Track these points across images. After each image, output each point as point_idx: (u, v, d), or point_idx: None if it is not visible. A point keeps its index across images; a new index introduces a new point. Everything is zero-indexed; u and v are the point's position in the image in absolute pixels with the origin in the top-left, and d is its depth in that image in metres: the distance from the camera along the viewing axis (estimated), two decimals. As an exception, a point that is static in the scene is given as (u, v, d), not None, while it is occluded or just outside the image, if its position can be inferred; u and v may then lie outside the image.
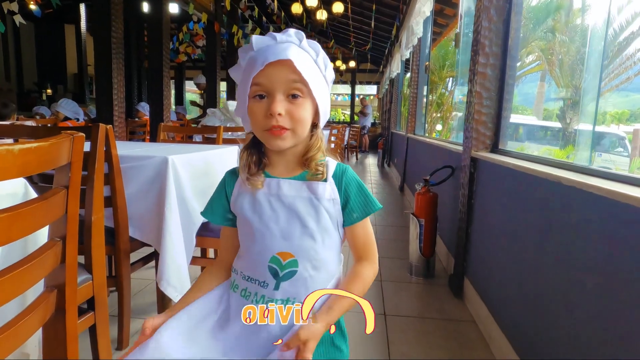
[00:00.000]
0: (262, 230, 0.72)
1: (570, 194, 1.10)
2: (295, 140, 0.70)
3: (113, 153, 1.42)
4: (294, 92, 0.68)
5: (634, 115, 8.96)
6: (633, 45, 7.79)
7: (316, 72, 0.70)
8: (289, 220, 0.71)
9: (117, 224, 1.48)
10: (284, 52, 0.66)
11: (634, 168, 6.53)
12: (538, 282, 1.29)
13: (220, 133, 2.66)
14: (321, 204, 0.71)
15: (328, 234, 0.72)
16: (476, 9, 1.86)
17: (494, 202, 1.75)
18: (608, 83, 8.44)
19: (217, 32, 5.93)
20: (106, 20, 3.31)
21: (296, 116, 0.68)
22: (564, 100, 9.57)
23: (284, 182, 0.73)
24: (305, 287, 0.70)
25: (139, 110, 5.71)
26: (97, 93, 3.42)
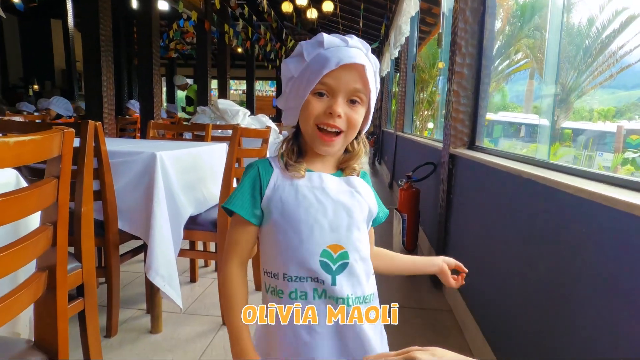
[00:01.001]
0: (311, 224, 0.70)
1: (530, 187, 1.18)
2: (343, 144, 0.73)
3: (102, 149, 1.48)
4: (354, 98, 0.70)
5: (620, 111, 9.10)
6: (615, 43, 7.92)
7: (376, 81, 0.72)
8: (336, 212, 0.71)
9: (107, 217, 1.53)
10: (358, 57, 0.67)
11: (615, 164, 6.67)
12: (506, 273, 1.38)
13: (209, 131, 2.71)
14: (362, 196, 0.75)
15: (367, 226, 0.77)
16: (453, 10, 1.94)
17: (470, 196, 1.83)
18: (592, 80, 8.57)
19: (207, 30, 5.95)
20: (94, 18, 3.32)
21: (353, 121, 0.70)
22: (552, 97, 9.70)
23: (326, 177, 0.74)
24: (358, 279, 0.72)
25: (129, 108, 5.73)
26: (86, 91, 3.44)
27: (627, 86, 8.39)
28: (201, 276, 2.28)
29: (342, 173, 0.76)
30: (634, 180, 0.86)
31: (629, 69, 7.77)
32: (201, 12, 5.81)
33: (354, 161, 0.77)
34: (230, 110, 3.81)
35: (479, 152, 1.78)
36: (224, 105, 3.84)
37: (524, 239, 1.23)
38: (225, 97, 6.93)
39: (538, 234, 1.13)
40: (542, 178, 1.06)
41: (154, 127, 2.66)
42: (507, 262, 1.36)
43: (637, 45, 7.43)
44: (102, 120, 3.44)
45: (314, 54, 0.69)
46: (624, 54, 7.74)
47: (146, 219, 1.58)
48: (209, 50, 6.24)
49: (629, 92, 8.73)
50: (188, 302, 1.94)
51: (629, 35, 7.49)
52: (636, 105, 8.61)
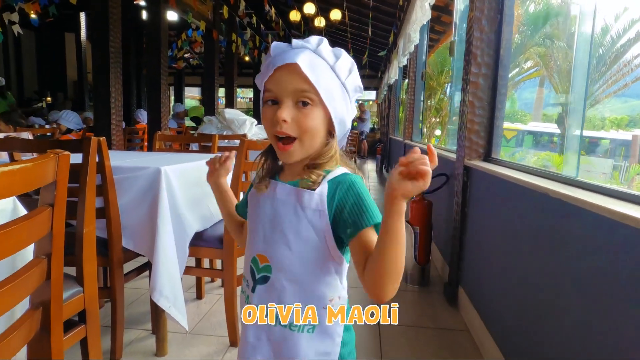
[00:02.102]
0: (252, 230, 0.74)
1: (557, 206, 1.10)
2: (304, 151, 0.68)
3: (106, 164, 1.43)
4: (302, 99, 0.65)
5: (633, 120, 8.98)
6: (630, 52, 7.83)
7: (330, 79, 0.67)
8: (272, 224, 0.70)
9: (111, 235, 1.49)
10: (292, 57, 0.64)
11: (633, 174, 6.50)
12: (529, 292, 1.30)
13: (216, 141, 2.67)
14: (305, 214, 0.67)
15: (310, 248, 0.67)
16: (468, 19, 1.87)
17: (487, 211, 1.76)
18: (606, 89, 8.46)
19: (215, 39, 5.96)
20: (104, 29, 3.33)
21: (303, 125, 0.66)
22: (562, 106, 9.58)
23: (279, 186, 0.72)
24: (278, 297, 0.68)
25: (138, 118, 5.74)
26: (94, 102, 3.43)
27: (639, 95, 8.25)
28: (207, 292, 2.22)
29: (301, 181, 0.69)
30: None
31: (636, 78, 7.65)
32: (209, 22, 5.83)
33: (321, 160, 0.69)
34: (237, 120, 3.78)
35: (496, 165, 1.71)
36: (231, 114, 3.81)
37: (551, 259, 1.15)
38: (232, 105, 6.92)
39: (568, 256, 1.05)
40: (574, 198, 0.98)
41: (160, 138, 2.63)
42: (531, 282, 1.28)
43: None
44: (110, 132, 3.43)
45: (265, 63, 0.69)
46: (636, 66, 7.63)
47: (150, 236, 1.53)
48: (216, 59, 6.25)
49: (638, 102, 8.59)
50: (194, 321, 1.88)
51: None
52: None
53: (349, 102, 0.71)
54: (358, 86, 0.72)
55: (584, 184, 1.10)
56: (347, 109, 0.70)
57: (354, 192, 0.66)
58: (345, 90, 0.70)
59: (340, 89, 0.69)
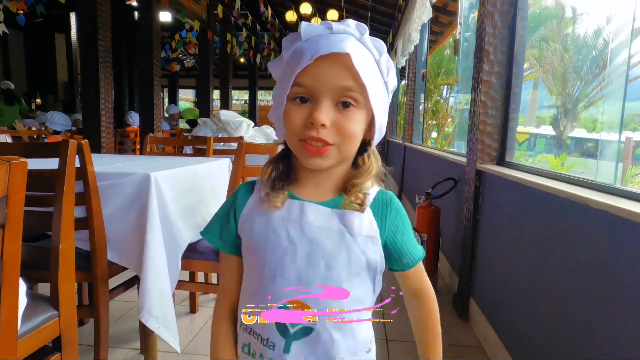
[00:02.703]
0: (274, 268, 0.56)
1: (583, 212, 0.99)
2: (339, 159, 0.55)
3: (89, 170, 1.30)
4: (345, 99, 0.53)
5: (624, 122, 9.07)
6: (622, 55, 7.93)
7: (377, 76, 0.55)
8: (310, 259, 0.55)
9: (94, 248, 1.35)
10: (340, 44, 0.50)
11: (628, 177, 6.47)
12: (552, 305, 1.18)
13: (211, 145, 2.53)
14: (355, 241, 0.55)
15: (360, 282, 0.57)
16: (479, 14, 1.77)
17: (502, 218, 1.64)
18: (599, 92, 8.51)
19: (210, 40, 5.83)
20: (93, 28, 3.19)
21: (345, 130, 0.53)
22: (557, 108, 9.60)
23: (309, 207, 0.56)
24: (325, 352, 0.55)
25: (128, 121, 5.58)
26: (83, 103, 3.29)
27: (630, 97, 8.38)
28: (202, 305, 2.08)
29: (343, 200, 0.57)
30: None
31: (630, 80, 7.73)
32: (204, 22, 5.70)
33: (362, 178, 0.57)
34: (233, 121, 3.65)
35: (512, 170, 1.59)
36: (227, 116, 3.67)
37: (575, 269, 1.03)
38: (227, 107, 6.79)
39: (596, 266, 0.93)
40: (601, 204, 0.88)
41: (152, 141, 2.49)
42: (555, 295, 1.16)
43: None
44: (99, 134, 3.28)
45: (292, 49, 0.55)
46: (632, 66, 7.72)
47: (139, 249, 1.40)
48: (211, 60, 6.12)
49: (632, 103, 8.73)
50: (187, 339, 1.74)
51: (636, 48, 7.45)
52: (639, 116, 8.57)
53: (388, 105, 0.60)
54: (395, 86, 0.60)
55: (624, 192, 0.99)
56: (385, 111, 0.59)
57: (402, 216, 0.59)
58: (386, 90, 0.58)
59: (384, 89, 0.57)
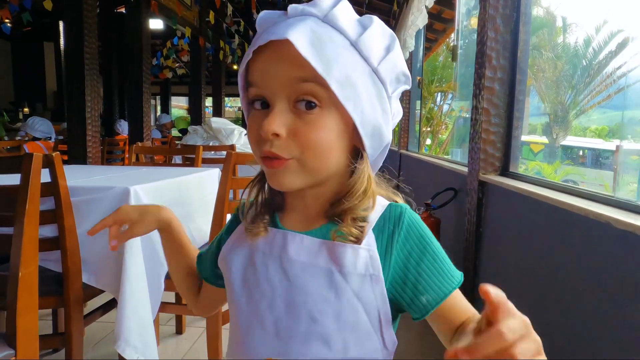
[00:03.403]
0: (249, 317, 0.47)
1: (595, 228, 0.90)
2: (308, 177, 0.43)
3: (61, 185, 1.19)
4: (304, 97, 0.41)
5: (612, 131, 9.19)
6: (611, 64, 8.07)
7: (350, 63, 0.41)
8: (290, 307, 0.44)
9: (67, 269, 1.23)
10: (283, 30, 0.39)
11: (621, 186, 6.43)
12: (560, 327, 1.09)
13: (200, 154, 2.42)
14: (348, 284, 0.43)
15: (359, 338, 0.44)
16: (479, 19, 1.69)
17: (507, 232, 1.55)
18: (590, 100, 8.59)
19: (202, 46, 5.75)
20: (78, 35, 3.10)
21: (304, 139, 0.41)
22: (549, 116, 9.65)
23: (293, 238, 0.46)
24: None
25: (117, 129, 5.46)
26: (68, 111, 3.17)
27: (617, 106, 8.53)
28: (189, 325, 1.96)
29: (332, 229, 0.45)
30: None
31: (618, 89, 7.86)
32: (195, 29, 5.62)
33: (350, 199, 0.44)
34: (224, 129, 3.54)
35: (518, 181, 1.50)
36: (218, 124, 3.57)
37: (586, 287, 0.94)
38: (220, 114, 6.69)
39: (607, 282, 0.84)
40: (615, 220, 0.79)
41: (138, 151, 2.37)
42: (569, 318, 1.07)
43: (634, 68, 7.50)
44: (85, 144, 3.16)
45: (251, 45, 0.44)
46: (621, 75, 7.83)
47: (116, 270, 1.28)
48: (203, 68, 6.03)
49: (619, 112, 8.85)
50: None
51: (625, 57, 7.59)
52: (625, 125, 8.69)
53: (387, 100, 0.45)
54: (402, 73, 0.46)
55: (624, 204, 0.90)
56: (382, 109, 0.45)
57: (417, 235, 0.44)
58: (379, 79, 0.44)
59: (370, 79, 0.43)
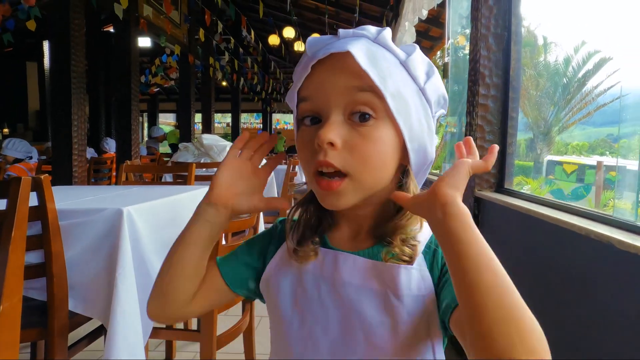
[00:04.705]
0: (303, 341, 0.46)
1: (591, 246, 0.90)
2: (360, 195, 0.44)
3: (49, 208, 1.14)
4: (359, 109, 0.41)
5: (592, 147, 9.46)
6: (590, 83, 8.41)
7: (402, 80, 0.43)
8: (346, 329, 0.44)
9: (52, 297, 1.17)
10: (342, 45, 0.41)
11: (604, 201, 6.51)
12: (563, 342, 1.07)
13: (193, 172, 2.38)
14: (402, 304, 0.43)
15: (414, 355, 0.44)
16: (472, 37, 1.72)
17: (505, 249, 1.54)
18: (572, 117, 8.88)
19: (191, 64, 5.74)
20: (65, 55, 3.06)
21: (361, 151, 0.41)
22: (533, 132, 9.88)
23: (345, 260, 0.46)
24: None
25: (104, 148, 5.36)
26: (53, 131, 3.11)
27: (596, 123, 8.83)
28: (180, 350, 1.88)
29: (384, 249, 0.45)
30: None
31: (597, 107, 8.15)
32: (184, 46, 5.62)
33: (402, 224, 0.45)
34: (216, 145, 3.51)
35: (514, 198, 1.50)
36: (209, 140, 3.53)
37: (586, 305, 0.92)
38: (209, 131, 6.65)
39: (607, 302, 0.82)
40: (612, 239, 0.79)
41: (127, 169, 2.32)
42: (568, 336, 1.05)
43: (611, 86, 7.81)
44: (71, 164, 3.08)
45: (299, 66, 0.45)
46: (599, 93, 8.16)
47: (106, 296, 1.22)
48: (192, 84, 6.01)
49: (597, 129, 9.12)
50: (163, 395, 1.54)
51: (602, 76, 7.92)
52: (605, 141, 8.95)
53: (432, 119, 0.46)
54: (442, 96, 0.47)
55: (619, 222, 0.90)
56: (428, 127, 0.45)
57: None
58: (425, 99, 0.45)
59: (419, 97, 0.44)
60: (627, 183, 3.01)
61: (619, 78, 7.18)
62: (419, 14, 2.73)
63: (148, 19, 4.43)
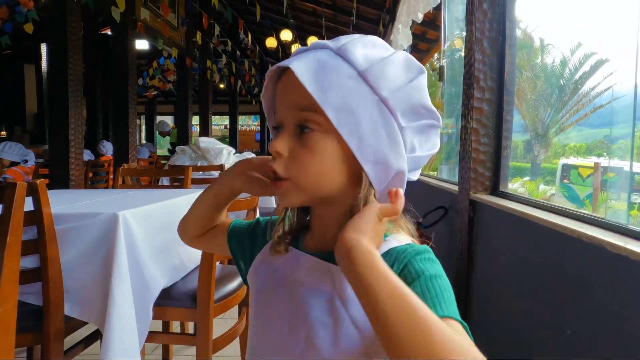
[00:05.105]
0: (258, 333, 0.51)
1: (583, 248, 0.90)
2: (303, 195, 0.46)
3: (44, 213, 1.14)
4: (301, 122, 0.45)
5: (589, 148, 9.49)
6: (587, 85, 8.44)
7: (353, 92, 0.43)
8: (293, 328, 0.46)
9: (48, 302, 1.17)
10: (292, 60, 0.43)
11: (601, 203, 6.50)
12: (556, 345, 1.07)
13: (189, 175, 2.39)
14: (347, 311, 0.43)
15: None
16: (466, 41, 1.73)
17: (500, 251, 1.55)
18: (569, 118, 8.91)
19: (189, 66, 5.75)
20: (63, 57, 3.06)
21: (297, 160, 0.45)
22: (530, 134, 9.90)
23: (304, 260, 0.49)
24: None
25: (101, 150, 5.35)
26: (50, 133, 3.10)
27: (593, 125, 8.85)
28: (177, 354, 1.88)
29: None
30: None
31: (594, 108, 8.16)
32: (182, 49, 5.63)
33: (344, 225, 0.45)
34: (213, 148, 3.51)
35: (509, 201, 1.51)
36: (206, 143, 3.54)
37: (579, 307, 0.93)
38: (207, 133, 6.65)
39: (598, 303, 0.83)
40: (604, 242, 0.80)
41: (124, 173, 2.32)
42: (565, 337, 1.06)
43: (607, 88, 7.83)
44: (68, 167, 3.08)
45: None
46: (596, 95, 8.19)
47: (102, 300, 1.22)
48: (190, 87, 6.02)
49: (594, 130, 9.15)
50: (159, 399, 1.54)
51: (598, 78, 7.94)
52: (602, 142, 8.96)
53: (397, 130, 0.45)
54: (421, 106, 0.46)
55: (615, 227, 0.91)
56: (390, 138, 0.44)
57: (415, 268, 0.42)
58: (387, 110, 0.44)
59: (377, 108, 0.44)
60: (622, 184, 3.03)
61: (615, 80, 7.20)
62: (414, 16, 2.74)
63: (145, 22, 4.44)
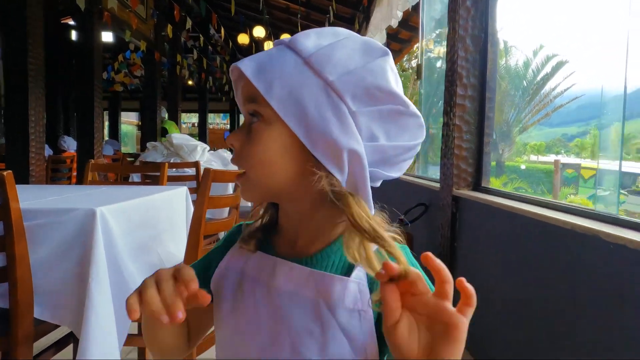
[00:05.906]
0: (235, 343, 0.47)
1: (571, 238, 0.94)
2: (258, 188, 0.45)
3: (12, 207, 1.05)
4: (251, 114, 0.46)
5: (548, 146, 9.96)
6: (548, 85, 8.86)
7: (298, 80, 0.41)
8: (275, 338, 0.43)
9: (15, 304, 1.07)
10: (244, 59, 0.45)
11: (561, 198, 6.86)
12: (544, 336, 1.11)
13: (165, 172, 2.28)
14: (335, 318, 0.41)
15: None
16: (449, 39, 1.76)
17: (483, 246, 1.58)
18: (531, 118, 9.35)
19: (157, 61, 5.54)
20: (22, 45, 2.86)
21: (247, 151, 0.45)
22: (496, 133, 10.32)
23: (281, 266, 0.46)
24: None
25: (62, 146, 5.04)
26: (7, 127, 2.89)
27: (552, 124, 9.27)
28: (153, 358, 1.79)
29: (319, 255, 0.45)
30: None
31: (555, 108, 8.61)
32: (151, 43, 5.41)
33: (326, 228, 0.46)
34: (186, 145, 3.40)
35: (493, 196, 1.55)
36: (179, 140, 3.42)
37: (566, 299, 0.96)
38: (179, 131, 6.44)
39: (587, 293, 0.86)
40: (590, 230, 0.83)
41: (94, 169, 2.19)
42: (549, 332, 1.09)
43: (567, 88, 8.27)
44: (28, 161, 2.87)
45: None
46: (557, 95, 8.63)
47: (77, 301, 1.14)
48: (158, 83, 5.80)
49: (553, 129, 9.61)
50: (137, 406, 1.45)
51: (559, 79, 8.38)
52: (560, 140, 9.46)
53: (347, 114, 0.41)
54: (376, 88, 0.42)
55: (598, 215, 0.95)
56: (340, 122, 0.41)
57: None
58: (335, 94, 0.41)
59: (324, 93, 0.41)
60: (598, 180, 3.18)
61: (574, 80, 7.62)
62: (394, 15, 2.76)
63: (112, 11, 4.23)
